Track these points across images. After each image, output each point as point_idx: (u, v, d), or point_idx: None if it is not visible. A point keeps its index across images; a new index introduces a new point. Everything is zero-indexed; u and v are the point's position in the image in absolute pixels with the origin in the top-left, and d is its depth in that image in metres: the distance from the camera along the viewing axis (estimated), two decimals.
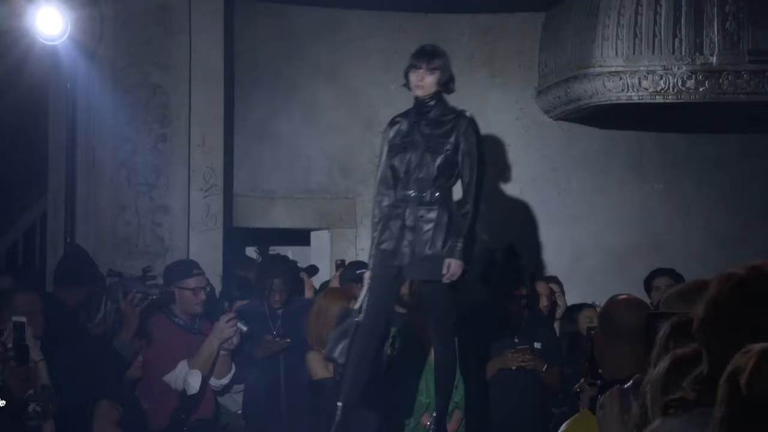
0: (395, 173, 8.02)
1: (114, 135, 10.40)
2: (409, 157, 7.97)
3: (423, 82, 7.99)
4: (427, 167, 7.92)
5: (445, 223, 7.89)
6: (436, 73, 7.99)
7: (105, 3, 10.35)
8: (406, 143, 8.02)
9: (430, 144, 7.97)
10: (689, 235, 11.34)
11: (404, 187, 7.98)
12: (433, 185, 7.92)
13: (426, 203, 7.92)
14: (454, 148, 7.96)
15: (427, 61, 8.00)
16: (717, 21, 10.36)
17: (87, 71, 10.34)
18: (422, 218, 7.89)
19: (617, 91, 10.55)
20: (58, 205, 10.57)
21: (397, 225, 7.94)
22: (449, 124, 8.02)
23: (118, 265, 9.89)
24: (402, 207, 7.96)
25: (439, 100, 8.07)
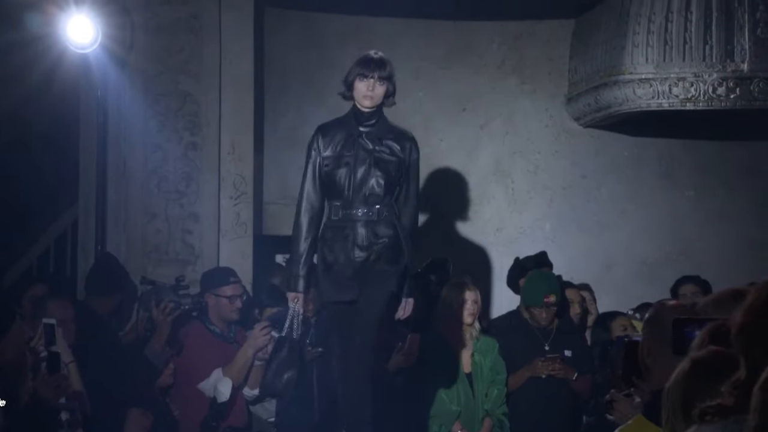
0: (334, 188, 7.57)
1: (144, 143, 10.41)
2: (352, 172, 7.53)
3: (374, 92, 7.55)
4: (374, 184, 7.53)
5: (396, 238, 7.53)
6: (385, 83, 7.58)
7: (136, 11, 10.37)
8: (347, 157, 7.55)
9: (376, 160, 7.55)
10: (720, 242, 11.29)
11: (347, 204, 7.55)
12: (381, 202, 7.54)
13: (375, 221, 7.53)
14: (398, 167, 7.58)
15: (378, 69, 7.57)
16: (748, 28, 10.33)
17: (118, 79, 10.36)
18: (375, 236, 7.50)
19: (647, 98, 10.52)
20: (89, 213, 10.59)
21: (346, 245, 7.52)
22: (394, 142, 7.62)
23: (149, 273, 9.91)
24: (349, 226, 7.53)
25: (382, 114, 7.67)
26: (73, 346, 8.04)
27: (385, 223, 7.53)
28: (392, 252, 7.52)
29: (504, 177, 11.42)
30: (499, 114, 11.42)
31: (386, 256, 7.51)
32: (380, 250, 7.49)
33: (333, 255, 7.54)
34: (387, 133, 7.61)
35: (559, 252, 10.67)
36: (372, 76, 7.53)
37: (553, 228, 11.36)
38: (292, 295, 7.67)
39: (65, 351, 7.69)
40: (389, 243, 7.51)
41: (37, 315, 8.19)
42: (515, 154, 11.41)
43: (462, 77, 11.36)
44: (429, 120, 11.16)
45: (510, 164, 11.41)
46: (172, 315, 8.90)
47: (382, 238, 7.51)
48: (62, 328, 7.87)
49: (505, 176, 11.42)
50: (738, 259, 11.01)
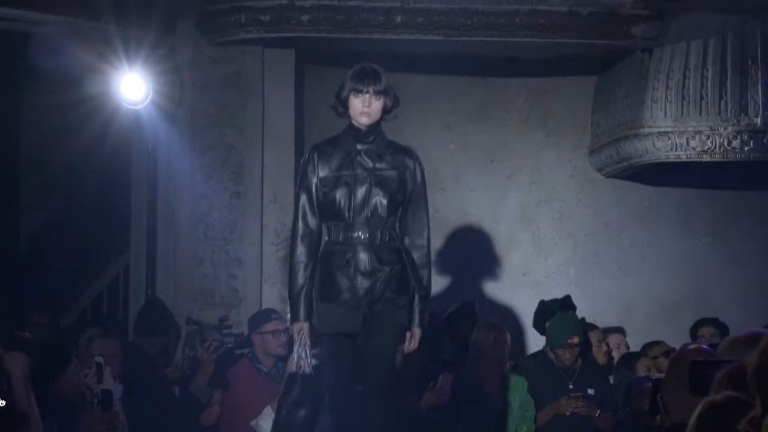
0: (333, 210, 6.68)
1: (192, 192, 10.42)
2: (352, 193, 6.65)
3: (370, 108, 6.66)
4: (376, 205, 6.65)
5: (402, 263, 6.69)
6: (382, 98, 6.69)
7: (185, 70, 10.40)
8: (346, 176, 6.67)
9: (377, 179, 6.68)
10: (736, 286, 11.20)
11: (348, 227, 6.64)
12: (384, 224, 6.66)
13: (378, 245, 6.65)
14: (401, 187, 6.70)
15: (373, 83, 6.68)
16: (761, 84, 10.29)
17: (167, 133, 10.38)
18: (380, 261, 6.62)
19: (666, 150, 10.49)
20: (140, 259, 10.60)
21: (348, 272, 6.63)
22: (396, 159, 6.74)
23: (196, 315, 9.89)
24: (350, 250, 6.63)
25: (381, 130, 6.78)
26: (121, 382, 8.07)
27: (389, 248, 6.68)
28: (399, 280, 6.67)
29: (530, 224, 11.37)
30: (525, 165, 11.38)
31: (393, 285, 6.65)
32: (386, 278, 6.63)
33: (333, 281, 6.66)
34: (387, 149, 6.76)
35: (583, 295, 10.60)
36: (367, 90, 6.66)
37: (577, 273, 11.30)
38: (297, 327, 6.74)
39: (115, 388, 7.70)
40: (395, 270, 6.66)
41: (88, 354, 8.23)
42: (541, 202, 11.37)
43: (491, 130, 11.34)
44: (460, 170, 11.14)
45: (536, 212, 11.37)
46: (216, 353, 8.93)
47: (386, 264, 6.65)
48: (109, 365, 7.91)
49: (531, 223, 11.37)
50: (754, 302, 10.91)
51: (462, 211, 11.10)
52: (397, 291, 6.65)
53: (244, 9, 10.14)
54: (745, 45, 10.31)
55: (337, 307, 6.62)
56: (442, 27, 10.19)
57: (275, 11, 10.01)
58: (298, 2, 9.80)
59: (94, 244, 11.67)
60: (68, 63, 9.84)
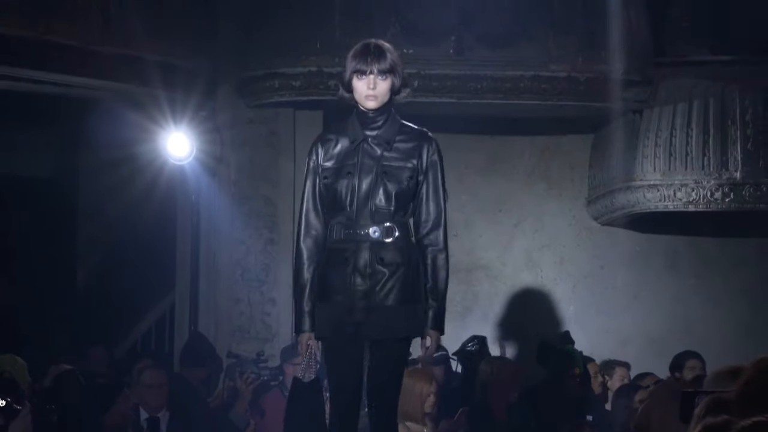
0: (335, 203, 5.38)
1: (231, 239, 10.44)
2: (355, 184, 5.33)
3: (376, 90, 5.32)
4: (382, 197, 5.33)
5: (408, 268, 5.36)
6: (389, 77, 5.34)
7: (225, 129, 10.45)
8: (349, 166, 5.36)
9: (385, 169, 5.34)
10: (719, 324, 11.17)
11: (350, 222, 5.34)
12: (390, 220, 5.33)
13: (383, 243, 5.33)
14: (415, 176, 5.38)
15: (377, 61, 5.32)
16: (740, 142, 10.32)
17: (209, 186, 10.43)
18: (381, 261, 5.30)
19: (655, 201, 10.50)
20: (184, 298, 10.63)
21: (344, 270, 5.32)
22: (407, 144, 5.39)
23: (234, 349, 9.89)
24: (350, 248, 5.33)
25: (391, 113, 5.41)
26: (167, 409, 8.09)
27: (395, 247, 5.34)
28: (404, 286, 5.34)
29: (534, 267, 11.37)
30: (530, 214, 11.39)
31: (396, 290, 5.32)
32: (387, 282, 5.31)
33: (328, 280, 5.37)
34: (398, 135, 5.39)
35: (581, 331, 10.56)
36: (371, 71, 5.31)
37: (576, 310, 11.28)
38: (304, 338, 5.42)
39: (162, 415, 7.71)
40: (399, 274, 5.33)
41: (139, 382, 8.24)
42: (544, 247, 11.37)
43: (498, 183, 11.36)
44: (470, 219, 11.15)
45: (539, 256, 11.37)
46: (253, 384, 8.93)
47: (388, 265, 5.31)
48: (157, 392, 7.94)
49: (535, 266, 11.37)
50: (734, 338, 10.87)
51: (472, 255, 11.11)
52: (401, 297, 5.34)
53: (277, 75, 10.19)
54: (725, 108, 10.33)
55: (329, 308, 5.35)
56: (455, 91, 10.22)
57: (305, 77, 10.05)
58: (326, 69, 9.84)
59: (143, 285, 11.69)
60: (121, 125, 9.91)
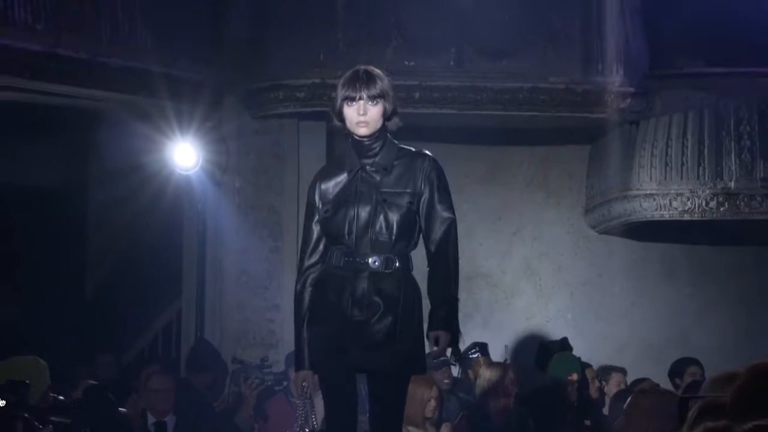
0: (335, 234, 5.07)
1: (236, 247, 10.44)
2: (354, 213, 5.03)
3: (366, 116, 5.03)
4: (382, 226, 5.02)
5: (410, 300, 5.04)
6: (380, 102, 5.04)
7: (230, 140, 10.45)
8: (348, 196, 5.06)
9: (384, 196, 5.04)
10: (714, 331, 11.17)
11: (350, 250, 5.02)
12: (391, 249, 5.01)
13: (382, 273, 5.00)
14: (416, 201, 5.06)
15: (366, 87, 5.04)
16: (734, 152, 10.32)
17: (215, 196, 10.43)
18: (379, 293, 4.98)
19: (652, 210, 10.50)
20: (191, 305, 10.63)
21: (341, 298, 5.01)
22: (405, 169, 5.08)
23: (239, 354, 9.89)
24: (348, 276, 5.02)
25: (387, 139, 5.11)
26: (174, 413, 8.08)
27: (395, 279, 5.02)
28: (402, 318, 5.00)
29: (533, 275, 11.37)
30: (528, 222, 11.39)
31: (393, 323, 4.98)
32: (384, 316, 4.97)
33: (323, 308, 5.08)
34: (396, 160, 5.10)
35: (579, 337, 10.56)
36: (360, 97, 5.03)
37: (574, 317, 11.28)
38: (301, 376, 5.13)
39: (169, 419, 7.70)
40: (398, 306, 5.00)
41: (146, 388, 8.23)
42: (542, 256, 11.36)
43: (498, 192, 11.36)
44: (470, 228, 11.13)
45: (538, 264, 11.36)
46: (258, 389, 8.92)
47: (386, 298, 4.98)
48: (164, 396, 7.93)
49: (533, 274, 11.37)
50: (730, 345, 10.87)
51: (472, 263, 11.09)
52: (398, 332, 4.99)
53: (282, 87, 10.19)
54: (720, 119, 10.34)
55: (322, 337, 5.05)
56: (455, 102, 10.23)
57: (309, 88, 10.06)
58: (329, 81, 9.83)
59: (150, 293, 11.69)
60: (128, 135, 9.90)
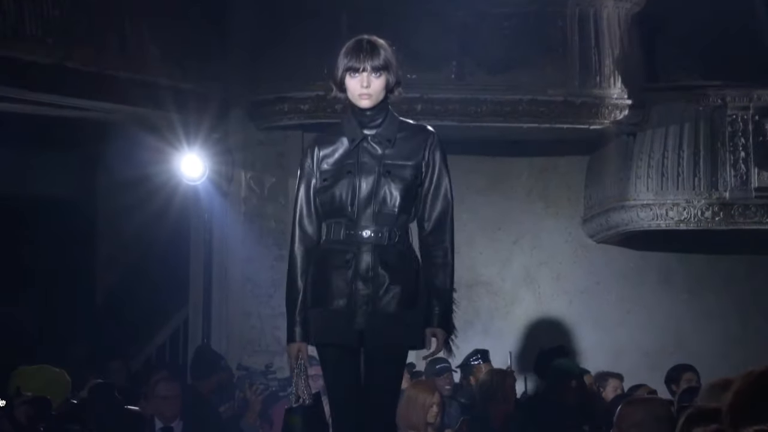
0: (334, 205, 4.83)
1: (241, 256, 10.47)
2: (356, 184, 4.79)
3: (369, 88, 4.78)
4: (386, 199, 4.78)
5: (413, 272, 4.82)
6: (383, 74, 4.80)
7: (236, 151, 10.49)
8: (349, 166, 4.81)
9: (387, 168, 4.81)
10: (710, 337, 11.18)
11: (351, 223, 4.79)
12: (395, 222, 4.79)
13: (385, 246, 4.78)
14: (419, 174, 4.83)
15: (370, 58, 4.79)
16: (729, 164, 10.36)
17: (221, 205, 10.47)
18: (385, 265, 4.76)
19: (648, 219, 10.53)
20: (197, 313, 10.65)
21: (345, 274, 4.78)
22: (408, 142, 4.85)
23: (245, 361, 9.90)
24: (351, 250, 4.79)
25: (389, 111, 4.88)
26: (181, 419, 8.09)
27: (398, 251, 4.81)
28: (407, 290, 4.78)
29: (532, 283, 11.38)
30: (528, 232, 11.41)
31: (399, 295, 4.76)
32: (391, 287, 4.76)
33: (327, 284, 4.81)
34: (398, 133, 4.86)
35: (578, 344, 10.60)
36: (364, 68, 4.78)
37: (572, 324, 11.28)
38: (294, 349, 4.89)
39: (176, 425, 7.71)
40: (403, 279, 4.78)
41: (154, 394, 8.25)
42: (541, 264, 11.38)
43: (498, 202, 11.38)
44: (471, 237, 11.15)
45: (537, 273, 11.38)
46: (263, 395, 8.92)
47: (392, 269, 4.77)
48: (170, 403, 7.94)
49: (533, 282, 11.38)
50: (725, 351, 10.87)
51: (473, 272, 11.12)
52: (403, 303, 4.78)
53: (286, 99, 10.23)
54: (715, 130, 10.38)
55: (328, 313, 4.79)
56: (456, 114, 10.26)
57: (313, 101, 10.09)
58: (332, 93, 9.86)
59: (158, 300, 11.71)
60: (137, 147, 9.94)
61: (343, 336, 4.76)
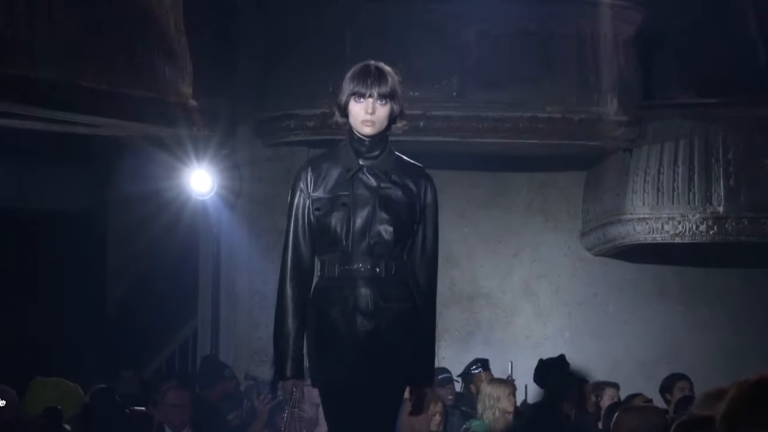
0: (328, 238, 4.51)
1: (249, 269, 10.49)
2: (351, 217, 4.47)
3: (374, 115, 4.48)
4: (380, 231, 4.48)
5: (412, 306, 4.51)
6: (389, 102, 4.50)
7: (243, 167, 10.53)
8: (344, 197, 4.50)
9: (383, 200, 4.50)
10: (704, 348, 11.19)
11: (345, 257, 4.47)
12: (390, 254, 4.50)
13: (384, 280, 4.48)
14: (410, 211, 4.55)
15: (377, 85, 4.49)
16: (722, 179, 10.37)
17: (229, 219, 10.50)
18: (385, 299, 4.47)
19: (644, 233, 10.54)
20: (206, 324, 10.68)
21: (345, 310, 4.47)
22: (405, 180, 4.55)
23: (252, 371, 9.91)
24: (347, 285, 4.47)
25: (388, 144, 4.59)
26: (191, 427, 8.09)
27: (397, 282, 4.52)
28: (408, 319, 4.49)
29: (531, 295, 11.40)
30: (527, 245, 11.42)
31: (400, 325, 4.48)
32: (391, 321, 4.47)
33: (329, 325, 4.50)
34: (395, 167, 4.57)
35: (576, 354, 10.58)
36: (370, 94, 4.48)
37: (571, 335, 11.30)
38: (288, 385, 4.70)
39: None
40: (404, 308, 4.50)
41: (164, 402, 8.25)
42: (540, 277, 11.40)
43: (498, 216, 11.40)
44: (472, 250, 11.18)
45: (536, 285, 11.39)
46: (270, 404, 8.92)
47: (394, 301, 4.49)
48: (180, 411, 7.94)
49: (532, 294, 11.40)
50: (719, 362, 10.88)
51: (474, 284, 11.14)
52: (405, 332, 4.50)
53: (292, 116, 10.26)
54: (709, 147, 10.40)
55: (330, 352, 4.50)
56: (458, 130, 10.28)
57: (318, 118, 10.11)
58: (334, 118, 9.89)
59: (168, 312, 11.72)
60: (147, 162, 9.96)
61: (345, 374, 4.49)
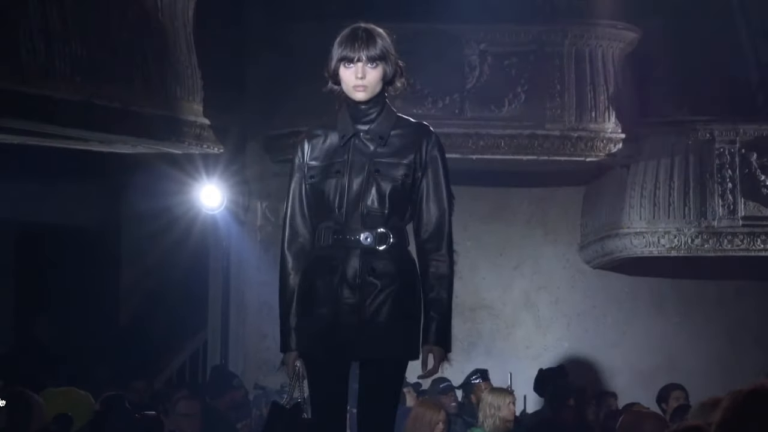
0: (322, 206, 4.25)
1: (257, 281, 10.50)
2: (345, 184, 4.20)
3: (365, 79, 4.22)
4: (374, 199, 4.19)
5: (404, 280, 4.20)
6: (380, 65, 4.22)
7: (252, 182, 10.56)
8: (338, 164, 4.23)
9: (377, 166, 4.21)
10: (699, 358, 11.20)
11: (339, 226, 4.21)
12: (385, 224, 4.19)
13: (375, 250, 4.18)
14: (412, 174, 4.22)
15: (366, 48, 4.20)
16: (717, 194, 10.40)
17: (238, 234, 10.52)
18: (373, 272, 4.16)
19: (641, 246, 10.57)
20: (216, 335, 10.70)
21: (331, 280, 4.18)
22: (404, 139, 4.24)
23: (261, 381, 9.92)
24: (338, 255, 4.19)
25: (386, 105, 4.29)
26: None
27: (389, 256, 4.19)
28: (399, 299, 4.18)
29: (532, 306, 11.40)
30: (528, 258, 11.44)
31: (389, 305, 4.16)
32: (379, 295, 4.17)
33: (312, 292, 4.23)
34: (393, 129, 4.26)
35: (575, 364, 10.61)
36: (359, 58, 4.21)
37: (570, 346, 11.31)
38: (291, 357, 4.30)
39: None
40: (394, 287, 4.17)
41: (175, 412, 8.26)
42: (540, 289, 11.41)
43: (500, 230, 11.41)
44: (474, 263, 11.18)
45: (536, 297, 11.40)
46: None
47: (380, 276, 4.17)
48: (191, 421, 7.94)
49: (532, 306, 11.40)
50: (714, 372, 10.89)
51: (476, 296, 11.15)
52: (396, 314, 4.18)
53: (300, 133, 10.21)
54: (704, 163, 10.43)
55: (313, 324, 4.22)
56: (459, 147, 10.29)
57: None
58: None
59: (179, 323, 11.74)
60: (159, 178, 9.99)
61: (327, 348, 4.18)
